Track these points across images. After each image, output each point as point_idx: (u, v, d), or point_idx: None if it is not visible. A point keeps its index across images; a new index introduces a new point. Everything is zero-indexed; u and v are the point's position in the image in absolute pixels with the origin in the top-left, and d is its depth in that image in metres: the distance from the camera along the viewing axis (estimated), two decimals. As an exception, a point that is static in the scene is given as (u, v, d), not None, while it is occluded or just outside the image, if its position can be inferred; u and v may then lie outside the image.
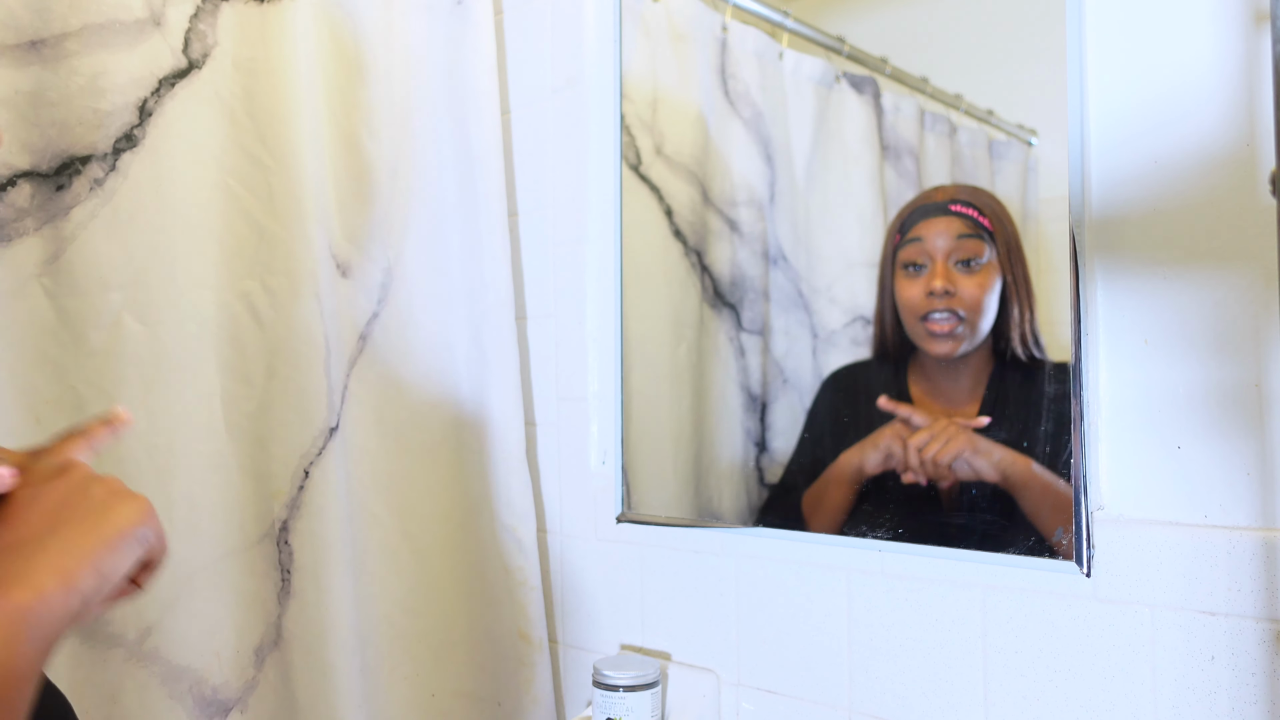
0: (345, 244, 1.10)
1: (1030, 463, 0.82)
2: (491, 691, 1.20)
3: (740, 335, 1.05)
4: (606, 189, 1.15)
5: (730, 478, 1.06)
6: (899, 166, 0.95)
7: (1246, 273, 0.73)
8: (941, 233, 0.89)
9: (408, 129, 1.16)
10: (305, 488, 1.01)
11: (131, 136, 0.92)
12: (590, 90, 1.18)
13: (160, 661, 0.92)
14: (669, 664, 1.08)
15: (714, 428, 1.08)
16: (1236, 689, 0.73)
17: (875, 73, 0.97)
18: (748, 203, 1.06)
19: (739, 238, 1.06)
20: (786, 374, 1.02)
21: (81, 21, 0.89)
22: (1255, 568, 0.72)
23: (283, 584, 1.00)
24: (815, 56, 1.02)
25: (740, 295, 1.05)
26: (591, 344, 1.18)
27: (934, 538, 0.87)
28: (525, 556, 1.18)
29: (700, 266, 1.08)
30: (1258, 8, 0.72)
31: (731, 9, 1.06)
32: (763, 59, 1.05)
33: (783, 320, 1.02)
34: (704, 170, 1.09)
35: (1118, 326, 0.79)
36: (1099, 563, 0.79)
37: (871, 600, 0.93)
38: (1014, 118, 0.88)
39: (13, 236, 0.88)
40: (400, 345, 1.15)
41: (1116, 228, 0.79)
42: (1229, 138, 0.73)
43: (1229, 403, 0.73)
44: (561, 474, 1.23)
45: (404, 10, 1.16)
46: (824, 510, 0.96)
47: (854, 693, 0.95)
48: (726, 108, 1.07)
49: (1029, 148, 0.87)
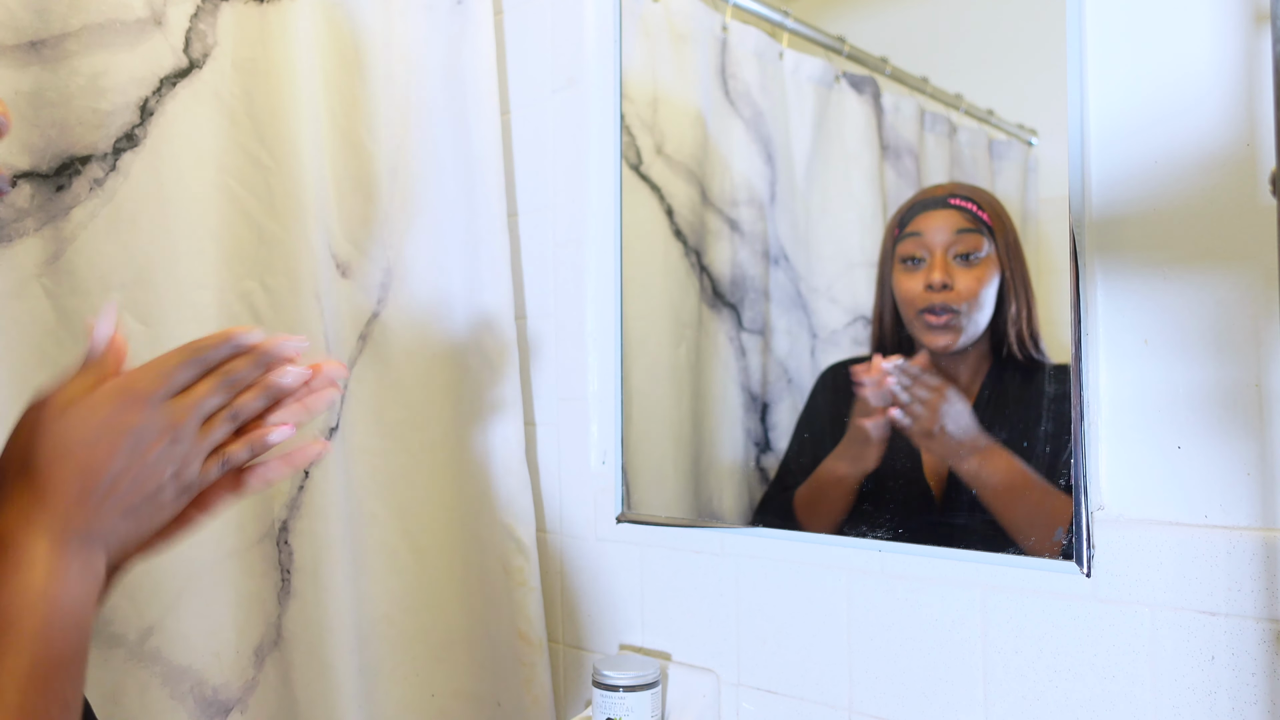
0: (345, 244, 1.10)
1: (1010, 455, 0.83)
2: (491, 691, 1.20)
3: (741, 335, 1.05)
4: (607, 189, 1.15)
5: (731, 478, 1.06)
6: (899, 166, 0.95)
7: (1246, 273, 0.73)
8: (941, 226, 0.89)
9: (408, 129, 1.16)
10: (305, 488, 1.01)
11: (132, 136, 0.92)
12: (590, 90, 1.18)
13: (162, 662, 0.92)
14: (669, 664, 1.08)
15: (714, 428, 1.08)
16: (1236, 689, 0.73)
17: (875, 73, 0.97)
18: (748, 202, 1.06)
19: (739, 237, 1.06)
20: (790, 374, 1.02)
21: (81, 21, 0.89)
22: (1255, 568, 0.72)
23: (282, 584, 1.00)
24: (815, 56, 1.02)
25: (741, 295, 1.05)
26: (591, 344, 1.18)
27: (934, 538, 0.87)
28: (525, 556, 1.18)
29: (700, 266, 1.08)
30: (1258, 8, 0.72)
31: (731, 9, 1.06)
32: (763, 59, 1.05)
33: (784, 320, 1.02)
34: (704, 170, 1.09)
35: (1118, 326, 0.79)
36: (1099, 563, 0.79)
37: (871, 600, 0.93)
38: (1014, 118, 0.88)
39: (13, 237, 0.88)
40: (400, 345, 1.15)
41: (1116, 228, 0.79)
42: (1229, 137, 0.73)
43: (1229, 403, 0.73)
44: (561, 474, 1.22)
45: (404, 10, 1.16)
46: (821, 510, 0.96)
47: (854, 693, 0.95)
48: (727, 107, 1.07)
49: (1029, 148, 0.87)
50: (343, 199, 1.10)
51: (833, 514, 0.94)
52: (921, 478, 0.91)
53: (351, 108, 1.12)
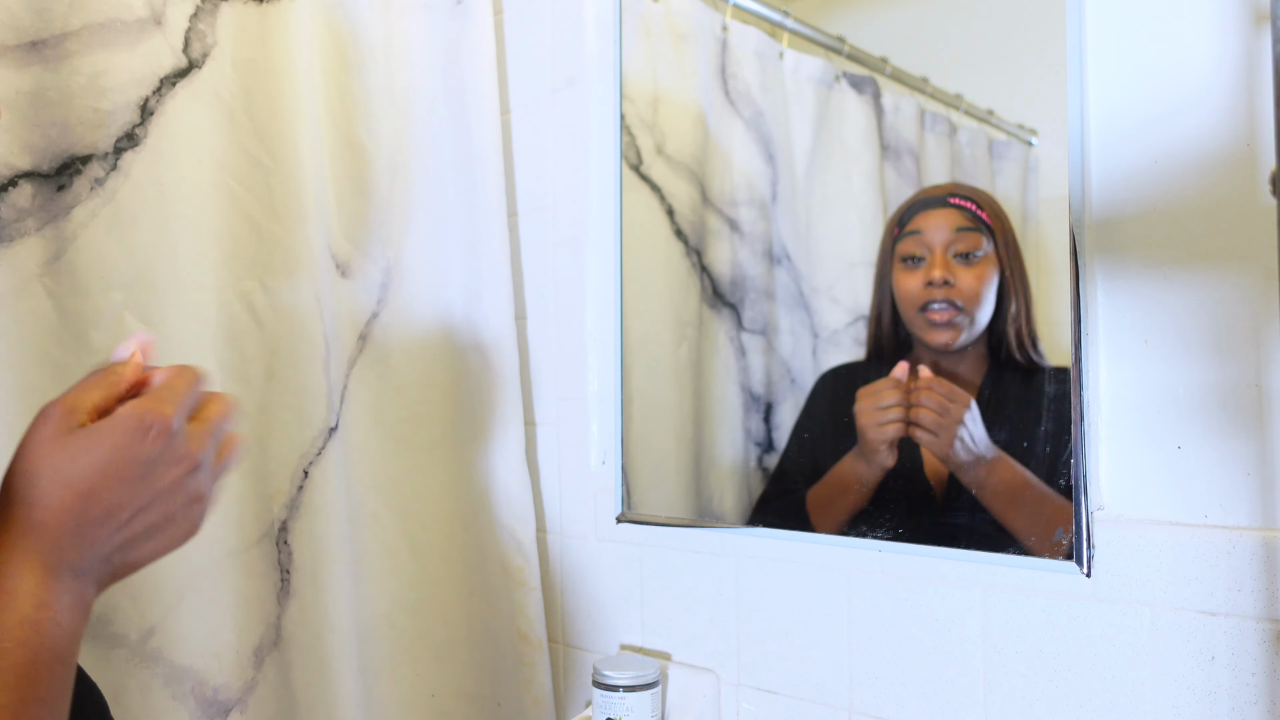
0: (345, 244, 1.10)
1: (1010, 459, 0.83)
2: (491, 691, 1.20)
3: (741, 335, 1.05)
4: (607, 189, 1.15)
5: (732, 478, 1.06)
6: (899, 166, 0.95)
7: (1246, 273, 0.73)
8: (941, 225, 0.89)
9: (407, 129, 1.16)
10: (305, 488, 1.01)
11: (133, 135, 0.92)
12: (590, 90, 1.18)
13: (163, 662, 0.92)
14: (669, 664, 1.08)
15: (715, 428, 1.08)
16: (1236, 689, 0.73)
17: (875, 73, 0.97)
18: (749, 202, 1.06)
19: (740, 237, 1.06)
20: (793, 374, 1.02)
21: (82, 21, 0.89)
22: (1255, 568, 0.72)
23: (282, 584, 1.00)
24: (815, 56, 1.02)
25: (741, 295, 1.05)
26: (591, 344, 1.18)
27: (934, 538, 0.87)
28: (525, 556, 1.18)
29: (700, 266, 1.08)
30: (1258, 8, 0.72)
31: (732, 9, 1.06)
32: (763, 59, 1.05)
33: (787, 320, 1.02)
34: (704, 170, 1.09)
35: (1117, 327, 0.79)
36: (1099, 563, 0.79)
37: (871, 600, 0.93)
38: (1014, 118, 0.88)
39: (14, 237, 0.88)
40: (400, 345, 1.15)
41: (1116, 228, 0.79)
42: (1229, 137, 0.73)
43: (1229, 403, 0.73)
44: (561, 474, 1.23)
45: (404, 10, 1.16)
46: (837, 509, 0.95)
47: (854, 693, 0.95)
48: (727, 107, 1.07)
49: (1029, 148, 0.87)
50: (342, 199, 1.10)
51: (850, 512, 0.94)
52: (923, 477, 0.91)
53: (351, 107, 1.12)
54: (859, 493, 0.93)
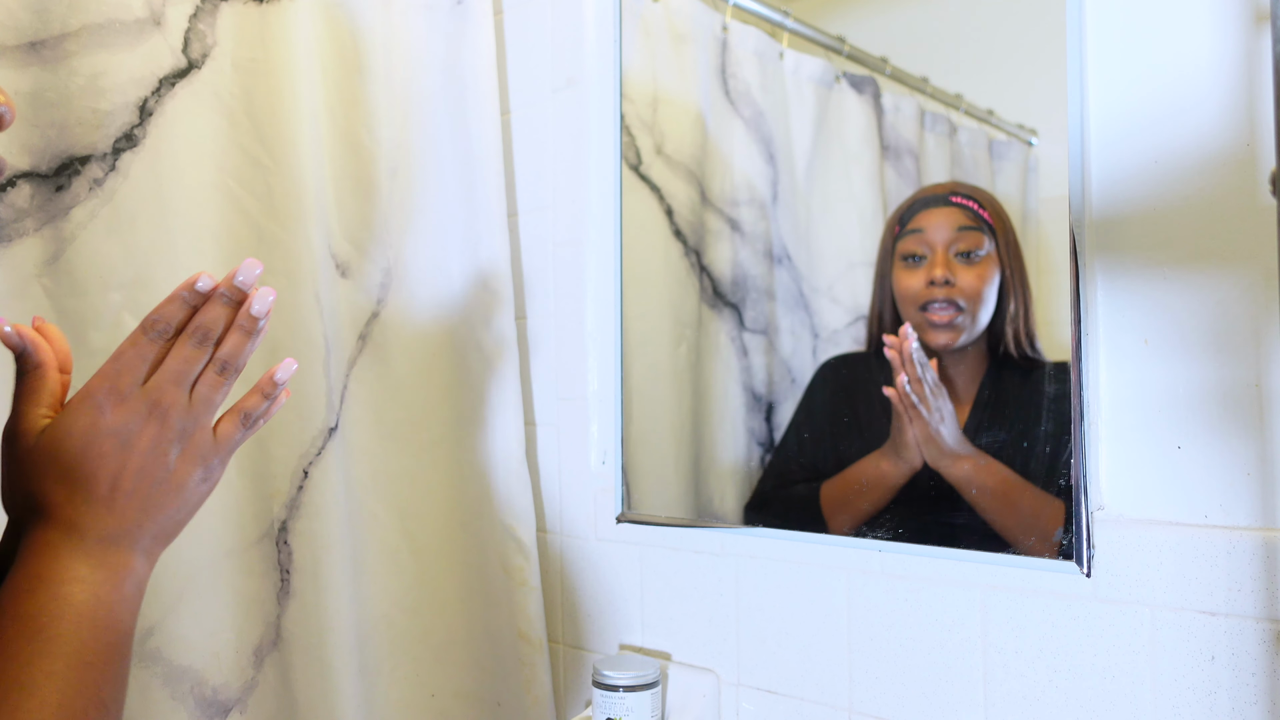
0: (345, 244, 1.10)
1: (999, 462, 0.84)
2: (491, 691, 1.20)
3: (742, 335, 1.05)
4: (606, 189, 1.15)
5: (733, 478, 1.06)
6: (899, 166, 0.95)
7: (1246, 273, 0.73)
8: (942, 224, 0.89)
9: (407, 129, 1.16)
10: (304, 488, 1.01)
11: (132, 136, 0.92)
12: (590, 90, 1.18)
13: (163, 662, 0.92)
14: (669, 664, 1.08)
15: (715, 428, 1.08)
16: (1236, 689, 0.73)
17: (875, 73, 0.97)
18: (749, 202, 1.06)
19: (740, 237, 1.06)
20: (794, 374, 1.02)
21: (81, 22, 0.89)
22: (1255, 568, 0.72)
23: (282, 584, 1.00)
24: (815, 56, 1.02)
25: (742, 295, 1.05)
26: (591, 344, 1.18)
27: (934, 538, 0.87)
28: (525, 556, 1.18)
29: (700, 266, 1.08)
30: (1258, 8, 0.72)
31: (731, 9, 1.06)
32: (763, 59, 1.05)
33: (788, 319, 1.02)
34: (704, 170, 1.09)
35: (1118, 326, 0.79)
36: (1099, 563, 0.79)
37: (871, 600, 0.93)
38: (1014, 118, 0.88)
39: (13, 237, 0.88)
40: (400, 345, 1.14)
41: (1116, 227, 0.79)
42: (1229, 137, 0.73)
43: (1229, 403, 0.73)
44: (561, 474, 1.22)
45: (404, 10, 1.16)
46: (855, 507, 0.94)
47: (854, 693, 0.95)
48: (727, 107, 1.07)
49: (1029, 148, 0.87)
50: (342, 199, 1.10)
51: (871, 512, 0.93)
52: (924, 476, 0.91)
53: (351, 108, 1.12)
54: (882, 492, 0.92)
